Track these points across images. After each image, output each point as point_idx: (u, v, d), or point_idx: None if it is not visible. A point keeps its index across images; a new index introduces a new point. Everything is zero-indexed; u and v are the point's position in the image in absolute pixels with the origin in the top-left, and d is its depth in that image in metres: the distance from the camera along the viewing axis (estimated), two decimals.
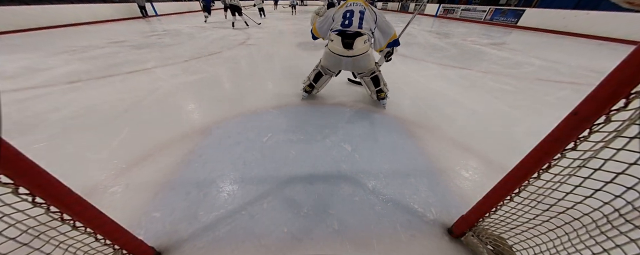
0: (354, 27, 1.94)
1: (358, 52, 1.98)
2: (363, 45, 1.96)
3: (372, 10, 2.04)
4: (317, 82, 2.49)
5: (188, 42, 5.86)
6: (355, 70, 2.30)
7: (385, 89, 2.37)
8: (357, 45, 1.94)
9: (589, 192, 0.60)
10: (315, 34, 2.32)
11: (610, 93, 0.52)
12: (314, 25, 2.31)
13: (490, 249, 1.02)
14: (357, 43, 1.93)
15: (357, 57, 2.01)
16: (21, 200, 0.59)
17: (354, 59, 2.02)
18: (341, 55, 2.02)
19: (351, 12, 1.98)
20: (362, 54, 2.01)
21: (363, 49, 1.98)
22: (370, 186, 1.46)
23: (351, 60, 2.04)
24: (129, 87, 3.00)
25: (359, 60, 2.05)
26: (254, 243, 1.13)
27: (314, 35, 2.36)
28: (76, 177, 1.51)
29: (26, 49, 5.15)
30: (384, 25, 2.06)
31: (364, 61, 2.08)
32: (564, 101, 2.73)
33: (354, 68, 2.19)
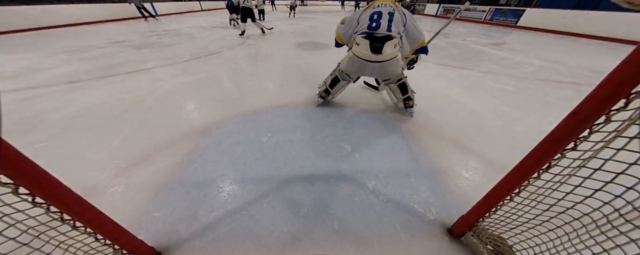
0: (383, 29, 1.76)
1: (387, 57, 1.79)
2: (393, 50, 1.78)
3: (402, 12, 1.84)
4: (333, 88, 2.36)
5: (188, 42, 5.86)
6: (381, 77, 2.13)
7: (412, 96, 2.23)
8: (387, 50, 1.76)
9: (589, 192, 0.60)
10: (339, 41, 2.16)
11: (610, 93, 0.52)
12: (337, 33, 2.14)
13: (490, 249, 1.02)
14: (386, 47, 1.75)
15: (386, 62, 1.83)
16: (21, 200, 0.59)
17: (382, 64, 1.84)
18: (368, 60, 1.84)
19: (379, 13, 1.80)
20: (391, 60, 1.82)
21: (392, 54, 1.79)
22: (370, 186, 1.46)
23: (378, 66, 1.86)
24: (129, 87, 3.00)
25: (387, 66, 1.86)
26: (254, 243, 1.13)
27: (338, 43, 2.20)
28: (76, 177, 1.51)
29: (26, 49, 5.15)
30: (412, 29, 1.87)
31: (392, 67, 1.89)
32: (564, 101, 2.73)
33: (380, 74, 2.01)
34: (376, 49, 1.77)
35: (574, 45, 6.27)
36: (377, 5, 1.86)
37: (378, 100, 2.69)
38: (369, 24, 1.81)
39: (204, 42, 5.94)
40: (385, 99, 2.74)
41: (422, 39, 1.94)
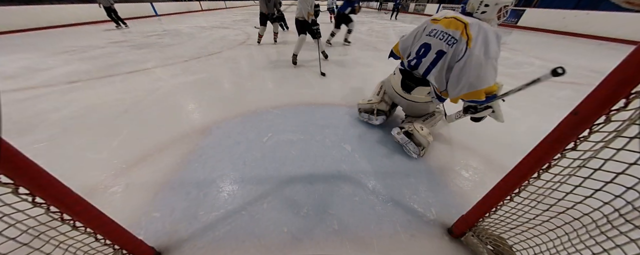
0: (420, 71, 1.53)
1: (414, 98, 1.70)
2: (424, 96, 1.65)
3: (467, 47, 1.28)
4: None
5: (188, 42, 5.86)
6: (408, 113, 1.95)
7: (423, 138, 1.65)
8: (415, 93, 1.66)
9: (589, 192, 0.60)
10: (397, 54, 1.83)
11: (610, 93, 0.52)
12: (397, 44, 1.81)
13: (490, 249, 1.02)
14: (417, 91, 1.63)
15: (411, 102, 1.75)
16: (21, 200, 0.59)
17: (408, 103, 1.78)
18: (398, 93, 1.78)
19: (428, 47, 1.47)
20: (418, 103, 1.73)
21: (423, 99, 1.68)
22: (370, 186, 1.46)
23: (406, 102, 1.80)
24: (129, 87, 3.00)
25: (414, 106, 1.78)
26: (254, 243, 1.13)
27: (395, 55, 1.86)
28: (76, 177, 1.51)
29: (26, 49, 5.15)
30: (471, 69, 1.28)
31: (418, 107, 1.79)
32: (564, 101, 2.73)
33: (408, 110, 1.91)
34: (406, 87, 1.67)
35: (574, 45, 6.27)
36: (433, 32, 1.46)
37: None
38: (412, 59, 1.58)
39: (204, 42, 5.94)
40: None
41: (482, 86, 1.29)
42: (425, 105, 1.76)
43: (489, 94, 1.33)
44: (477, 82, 1.29)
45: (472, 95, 1.33)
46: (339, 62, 4.25)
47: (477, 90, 1.30)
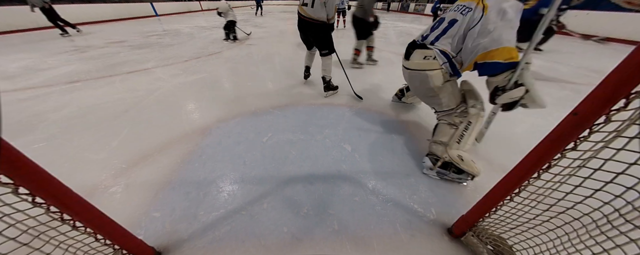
0: (428, 41, 1.48)
1: (412, 65, 1.52)
2: (421, 61, 1.45)
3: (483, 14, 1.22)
4: (409, 90, 2.27)
5: (188, 42, 5.85)
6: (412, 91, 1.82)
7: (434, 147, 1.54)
8: (415, 58, 1.49)
9: (589, 192, 0.60)
10: None
11: (610, 93, 0.52)
12: None
13: (490, 249, 1.02)
14: (415, 55, 1.49)
15: (411, 71, 1.55)
16: (21, 200, 0.59)
17: (409, 73, 1.58)
18: (403, 65, 1.64)
19: (441, 21, 1.46)
20: (416, 71, 1.50)
21: (419, 65, 1.47)
22: (370, 186, 1.46)
23: (408, 74, 1.61)
24: (129, 87, 3.00)
25: (412, 76, 1.57)
26: (254, 243, 1.13)
27: None
28: (76, 177, 1.51)
29: (26, 49, 5.15)
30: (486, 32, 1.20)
31: (418, 81, 1.53)
32: (564, 101, 2.73)
33: (410, 86, 1.73)
34: (408, 53, 1.56)
35: (575, 45, 6.27)
36: (454, 7, 1.42)
37: (377, 100, 2.69)
38: (425, 32, 1.56)
39: (204, 42, 5.94)
40: (383, 98, 2.73)
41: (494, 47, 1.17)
42: (423, 79, 1.47)
43: (509, 60, 1.16)
44: (491, 43, 1.18)
45: (486, 57, 1.19)
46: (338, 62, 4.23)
47: (492, 51, 1.17)
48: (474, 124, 1.43)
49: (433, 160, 1.51)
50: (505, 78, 1.22)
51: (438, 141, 1.52)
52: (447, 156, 1.44)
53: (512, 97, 1.21)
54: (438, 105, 1.56)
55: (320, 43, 2.54)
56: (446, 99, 1.49)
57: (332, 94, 2.82)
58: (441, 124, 1.56)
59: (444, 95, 1.48)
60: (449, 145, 1.47)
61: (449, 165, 1.46)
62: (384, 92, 2.91)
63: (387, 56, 4.68)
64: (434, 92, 1.49)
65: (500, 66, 1.18)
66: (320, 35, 2.48)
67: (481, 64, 1.23)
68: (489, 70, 1.22)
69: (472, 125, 1.43)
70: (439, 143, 1.52)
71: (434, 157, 1.52)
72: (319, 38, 2.50)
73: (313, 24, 2.40)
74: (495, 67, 1.19)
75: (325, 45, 2.54)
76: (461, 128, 1.45)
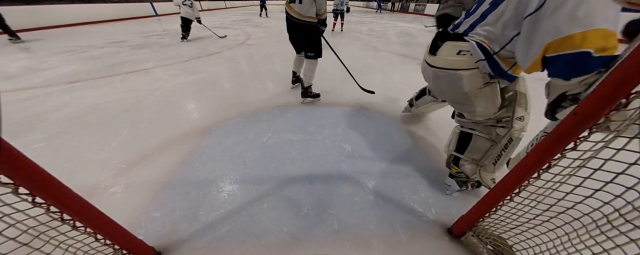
0: (462, 29, 1.08)
1: (440, 63, 1.10)
2: (452, 57, 1.05)
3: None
4: (418, 99, 1.97)
5: (188, 42, 5.85)
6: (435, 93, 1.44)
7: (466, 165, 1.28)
8: (444, 53, 1.08)
9: (589, 192, 0.60)
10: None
11: (610, 93, 0.52)
12: None
13: (490, 249, 1.02)
14: (445, 49, 1.07)
15: (437, 70, 1.13)
16: (21, 200, 0.59)
17: (434, 72, 1.16)
18: (426, 61, 1.21)
19: (479, 2, 1.06)
20: (445, 70, 1.10)
21: (449, 63, 1.07)
22: (370, 186, 1.46)
23: (431, 73, 1.18)
24: (129, 87, 3.00)
25: (438, 77, 1.16)
26: (254, 243, 1.13)
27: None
28: (76, 177, 1.51)
29: (26, 49, 5.15)
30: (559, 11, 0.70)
31: (446, 82, 1.14)
32: None
33: (434, 87, 1.28)
34: (434, 46, 1.13)
35: None
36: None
37: (378, 101, 2.69)
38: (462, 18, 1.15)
39: (204, 42, 5.94)
40: (385, 106, 2.73)
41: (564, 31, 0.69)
42: (454, 80, 1.08)
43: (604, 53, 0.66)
44: (572, 23, 0.67)
45: (565, 45, 0.69)
46: (338, 61, 4.24)
47: (574, 35, 0.67)
48: (515, 142, 1.09)
49: (460, 183, 1.30)
50: (583, 81, 0.72)
51: (469, 158, 1.24)
52: (477, 177, 1.22)
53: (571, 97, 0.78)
54: (470, 113, 1.20)
55: (307, 44, 2.29)
56: (482, 107, 1.12)
57: (310, 101, 2.60)
58: (477, 136, 1.20)
59: (479, 103, 1.11)
60: (483, 166, 1.20)
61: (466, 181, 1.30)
62: (384, 92, 2.91)
63: (387, 56, 4.68)
64: (467, 97, 1.11)
65: (592, 61, 0.67)
66: (309, 36, 2.22)
67: (555, 57, 0.73)
68: (570, 67, 0.72)
69: (514, 143, 1.09)
70: (470, 161, 1.24)
71: (461, 179, 1.30)
72: (308, 39, 2.25)
73: (301, 24, 2.16)
74: (582, 61, 0.68)
75: (312, 48, 2.29)
76: (501, 145, 1.12)
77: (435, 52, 1.11)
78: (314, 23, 2.14)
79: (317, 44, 2.30)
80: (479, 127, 1.21)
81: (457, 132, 1.31)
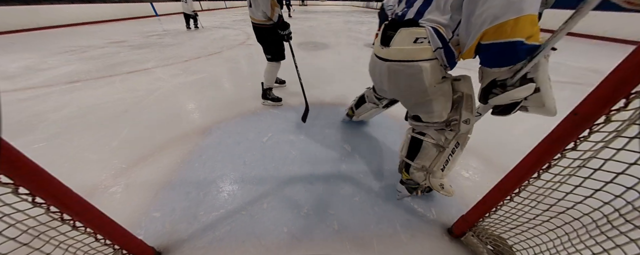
0: (409, 15, 0.93)
1: (395, 54, 0.94)
2: (410, 46, 0.89)
3: None
4: (358, 108, 1.88)
5: (188, 42, 5.85)
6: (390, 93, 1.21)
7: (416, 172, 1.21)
8: (399, 42, 0.91)
9: (589, 192, 0.60)
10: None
11: (610, 93, 0.52)
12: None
13: (490, 249, 1.02)
14: (400, 37, 0.90)
15: (393, 64, 0.97)
16: (21, 200, 0.59)
17: (389, 66, 0.99)
18: (376, 55, 1.05)
19: None
20: (402, 63, 0.93)
21: (407, 54, 0.90)
22: (370, 186, 1.46)
23: (385, 69, 1.01)
24: (129, 87, 3.00)
25: (394, 72, 0.99)
26: (254, 243, 1.13)
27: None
28: (76, 177, 1.51)
29: (26, 49, 5.15)
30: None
31: (404, 78, 0.98)
32: (564, 101, 2.70)
33: (389, 86, 1.09)
34: (386, 38, 0.95)
35: (574, 45, 6.27)
36: None
37: None
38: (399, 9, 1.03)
39: (204, 42, 5.94)
40: None
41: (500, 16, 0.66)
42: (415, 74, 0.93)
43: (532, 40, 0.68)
44: (506, 9, 0.65)
45: (500, 33, 0.68)
46: (337, 61, 4.25)
47: (508, 22, 0.65)
48: (462, 146, 1.09)
49: (410, 189, 1.31)
50: (512, 68, 0.73)
51: (419, 165, 1.17)
52: (427, 183, 1.19)
53: (514, 97, 0.76)
54: (427, 115, 1.07)
55: (265, 47, 2.29)
56: (440, 105, 1.00)
57: (270, 104, 2.53)
58: (426, 142, 1.13)
59: (438, 100, 0.99)
60: (432, 173, 1.16)
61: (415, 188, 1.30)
62: None
63: None
64: (426, 94, 0.97)
65: (522, 49, 0.68)
66: (265, 38, 2.21)
67: (489, 45, 0.72)
68: (503, 55, 0.72)
69: (461, 147, 1.10)
70: (420, 168, 1.18)
71: (411, 186, 1.30)
72: (264, 41, 2.25)
73: (256, 27, 2.15)
74: (514, 49, 0.68)
75: (268, 50, 2.28)
76: (449, 150, 1.09)
77: (388, 43, 0.94)
78: (267, 25, 2.09)
79: (273, 47, 2.26)
80: (430, 132, 1.13)
81: (409, 137, 1.21)
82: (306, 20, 11.30)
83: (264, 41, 2.25)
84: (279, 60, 2.36)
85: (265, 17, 2.02)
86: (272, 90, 2.55)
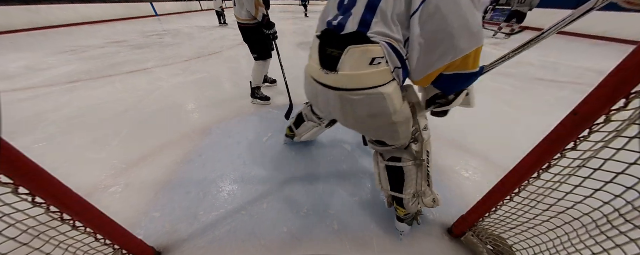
0: (351, 27, 0.70)
1: (348, 82, 0.72)
2: (365, 70, 0.68)
3: None
4: (298, 128, 1.58)
5: (188, 42, 5.85)
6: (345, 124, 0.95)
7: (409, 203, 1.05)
8: (349, 64, 0.69)
9: (589, 192, 0.60)
10: None
11: (610, 93, 0.52)
12: None
13: (490, 249, 1.02)
14: (351, 58, 0.69)
15: (346, 93, 0.74)
16: (21, 200, 0.59)
17: (341, 96, 0.76)
18: (316, 80, 0.81)
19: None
20: (358, 91, 0.72)
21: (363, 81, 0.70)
22: (371, 186, 1.46)
23: (334, 98, 0.78)
24: (129, 87, 3.00)
25: (350, 103, 0.76)
26: (254, 243, 1.13)
27: None
28: (76, 177, 1.51)
29: (26, 49, 5.15)
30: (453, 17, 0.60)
31: (364, 108, 0.76)
32: (564, 101, 2.73)
33: (343, 117, 0.87)
34: (328, 59, 0.73)
35: (574, 45, 6.27)
36: None
37: None
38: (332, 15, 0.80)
39: (204, 42, 5.94)
40: None
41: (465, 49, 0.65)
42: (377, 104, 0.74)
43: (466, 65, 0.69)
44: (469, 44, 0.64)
45: (462, 66, 0.69)
46: None
47: (469, 55, 0.66)
48: (431, 152, 1.00)
49: (410, 222, 1.14)
50: None
51: (411, 195, 1.03)
52: (422, 206, 1.07)
53: (456, 105, 0.87)
54: (393, 139, 0.92)
55: (250, 46, 2.27)
56: (405, 127, 0.86)
57: (259, 103, 2.54)
58: (407, 167, 0.99)
59: (403, 123, 0.83)
60: (422, 195, 1.03)
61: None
62: None
63: None
64: (392, 121, 0.79)
65: (475, 77, 0.73)
66: (249, 38, 2.20)
67: (451, 75, 0.71)
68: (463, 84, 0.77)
69: (431, 155, 1.00)
70: (412, 197, 1.04)
71: (410, 219, 1.13)
72: (249, 41, 2.23)
73: (241, 26, 2.15)
74: (472, 79, 0.73)
75: (253, 49, 2.27)
76: (425, 162, 0.99)
77: (333, 67, 0.71)
78: (252, 25, 2.09)
79: (258, 46, 2.26)
80: (403, 154, 0.98)
81: (384, 167, 1.05)
82: (307, 20, 11.30)
83: (249, 40, 2.24)
84: (265, 59, 2.36)
85: (249, 17, 2.01)
86: (260, 89, 2.56)
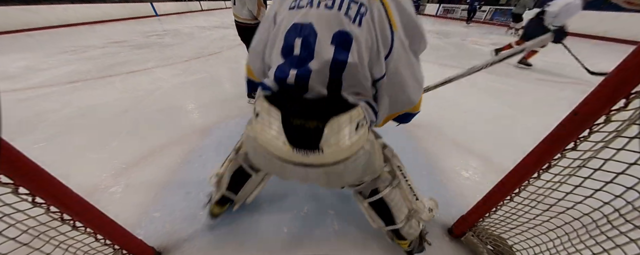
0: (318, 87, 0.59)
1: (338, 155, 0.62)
2: (354, 138, 0.61)
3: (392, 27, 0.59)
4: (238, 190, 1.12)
5: (188, 42, 5.86)
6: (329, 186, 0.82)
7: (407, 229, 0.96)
8: (335, 138, 0.58)
9: (589, 192, 0.60)
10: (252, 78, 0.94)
11: (610, 93, 0.52)
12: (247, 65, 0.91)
13: (490, 248, 1.02)
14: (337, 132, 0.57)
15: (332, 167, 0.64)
16: (21, 200, 0.59)
17: (325, 171, 0.66)
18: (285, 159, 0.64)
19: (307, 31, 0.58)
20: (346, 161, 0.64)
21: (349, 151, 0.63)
22: None
23: (319, 173, 0.67)
24: (129, 87, 3.00)
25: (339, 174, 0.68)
26: (254, 243, 1.13)
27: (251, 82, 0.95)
28: (76, 177, 1.51)
29: (26, 49, 5.15)
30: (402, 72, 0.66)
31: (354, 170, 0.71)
32: (564, 101, 2.73)
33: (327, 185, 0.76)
34: (298, 132, 0.58)
35: (574, 45, 6.26)
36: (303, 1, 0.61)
37: None
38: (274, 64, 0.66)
39: (204, 42, 5.94)
40: None
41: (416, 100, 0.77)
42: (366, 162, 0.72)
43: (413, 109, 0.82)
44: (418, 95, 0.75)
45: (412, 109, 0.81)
46: None
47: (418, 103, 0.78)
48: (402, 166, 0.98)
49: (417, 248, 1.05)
50: None
51: (404, 220, 0.94)
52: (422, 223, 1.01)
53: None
54: (371, 175, 0.89)
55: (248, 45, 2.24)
56: (379, 160, 0.87)
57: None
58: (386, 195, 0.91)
59: (376, 158, 0.82)
60: (415, 213, 0.96)
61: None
62: None
63: None
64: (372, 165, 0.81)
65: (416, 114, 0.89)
66: (246, 37, 2.16)
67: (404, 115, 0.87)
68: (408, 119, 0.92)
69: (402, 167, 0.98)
70: (407, 221, 0.95)
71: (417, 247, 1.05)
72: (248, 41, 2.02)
73: (238, 25, 2.13)
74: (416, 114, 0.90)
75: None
76: (398, 175, 0.95)
77: (314, 145, 0.58)
78: (252, 24, 2.04)
79: None
80: (377, 183, 0.91)
81: (367, 207, 0.98)
82: None
83: (247, 40, 2.20)
84: None
85: (250, 16, 1.99)
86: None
